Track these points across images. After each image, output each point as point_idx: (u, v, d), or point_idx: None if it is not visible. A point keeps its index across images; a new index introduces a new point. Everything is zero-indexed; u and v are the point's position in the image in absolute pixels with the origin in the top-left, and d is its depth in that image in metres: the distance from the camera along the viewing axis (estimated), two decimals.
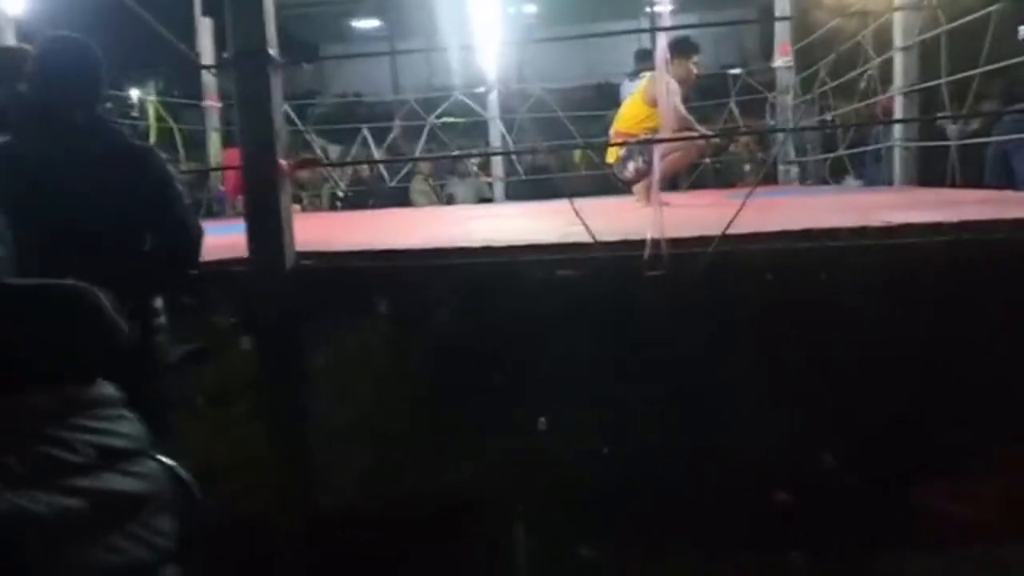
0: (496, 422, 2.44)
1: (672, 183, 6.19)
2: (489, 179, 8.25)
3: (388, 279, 2.46)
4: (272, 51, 2.33)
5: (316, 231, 3.87)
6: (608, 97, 8.00)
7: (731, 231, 2.26)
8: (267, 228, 2.35)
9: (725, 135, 7.64)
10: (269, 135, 2.34)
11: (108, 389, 1.04)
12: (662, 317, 2.32)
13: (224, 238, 2.83)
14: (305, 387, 2.42)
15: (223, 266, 2.50)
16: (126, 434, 1.03)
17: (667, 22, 2.75)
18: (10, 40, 3.92)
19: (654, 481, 2.33)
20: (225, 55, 2.35)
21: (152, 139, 6.99)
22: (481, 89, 7.48)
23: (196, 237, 2.40)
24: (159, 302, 2.36)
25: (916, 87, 4.78)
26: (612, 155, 5.12)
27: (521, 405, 2.43)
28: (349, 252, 2.58)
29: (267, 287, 2.38)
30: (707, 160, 8.09)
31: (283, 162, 2.38)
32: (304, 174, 8.23)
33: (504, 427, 2.44)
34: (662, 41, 2.98)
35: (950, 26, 4.34)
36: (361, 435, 2.48)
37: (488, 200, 8.23)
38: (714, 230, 2.28)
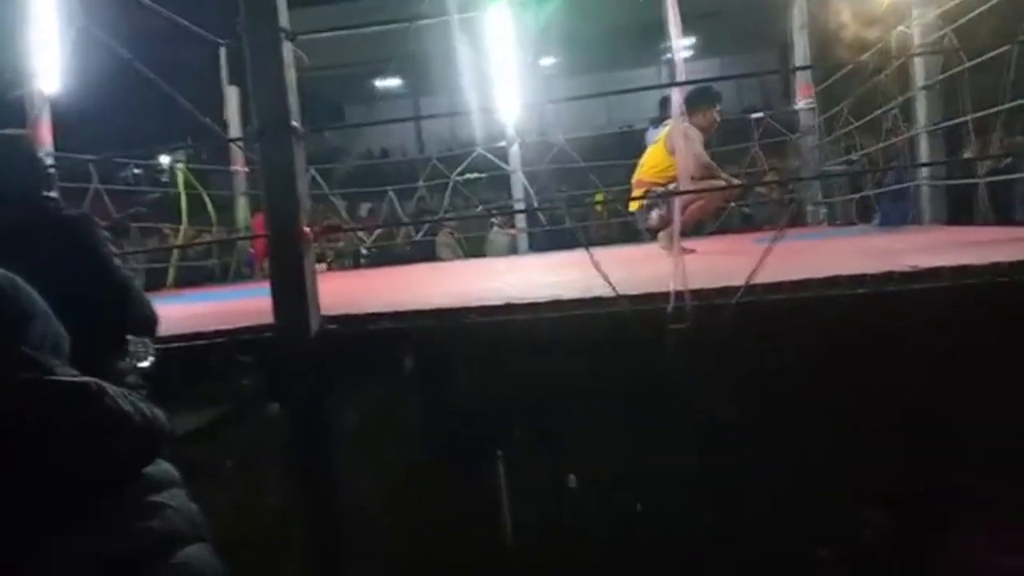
0: (523, 481, 2.41)
1: (697, 228, 6.17)
2: (512, 231, 8.30)
3: (412, 340, 2.46)
4: (295, 123, 2.38)
5: (341, 292, 3.90)
6: (630, 143, 8.04)
7: (757, 280, 2.23)
8: (292, 295, 2.38)
9: (750, 184, 7.61)
10: (294, 203, 2.39)
11: (165, 471, 1.06)
12: (687, 370, 2.28)
13: (251, 302, 2.86)
14: (332, 450, 2.41)
15: (249, 332, 2.52)
16: (180, 520, 1.05)
17: (683, 70, 2.73)
18: (47, 118, 4.06)
19: (682, 538, 2.28)
20: (249, 128, 2.41)
21: (183, 204, 7.19)
22: (503, 144, 7.56)
23: (138, 301, 2.31)
24: (128, 365, 2.30)
25: (939, 125, 4.75)
26: (635, 204, 5.12)
27: (548, 463, 2.40)
28: (373, 314, 2.59)
29: (293, 352, 2.40)
30: (733, 204, 8.06)
31: (308, 229, 2.41)
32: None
33: (531, 486, 2.41)
34: (677, 93, 2.99)
35: (970, 63, 4.32)
36: (388, 498, 2.46)
37: (513, 251, 8.27)
38: (739, 279, 2.25)
